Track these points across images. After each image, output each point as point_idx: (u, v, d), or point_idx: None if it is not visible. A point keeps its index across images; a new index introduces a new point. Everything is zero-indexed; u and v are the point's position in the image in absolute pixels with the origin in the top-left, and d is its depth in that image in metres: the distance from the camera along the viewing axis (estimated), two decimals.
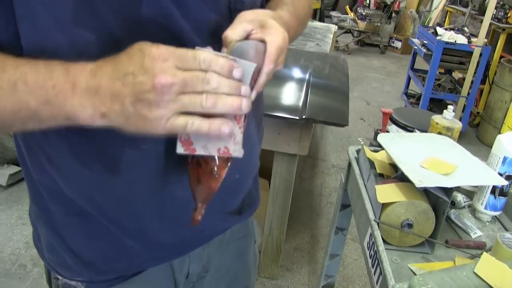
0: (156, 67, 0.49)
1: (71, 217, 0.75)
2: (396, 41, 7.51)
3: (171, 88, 0.49)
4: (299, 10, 0.82)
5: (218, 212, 0.82)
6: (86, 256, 0.78)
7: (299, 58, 2.55)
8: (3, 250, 2.32)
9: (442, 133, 1.32)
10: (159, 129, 0.51)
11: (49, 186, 0.74)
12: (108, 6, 0.57)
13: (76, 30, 0.56)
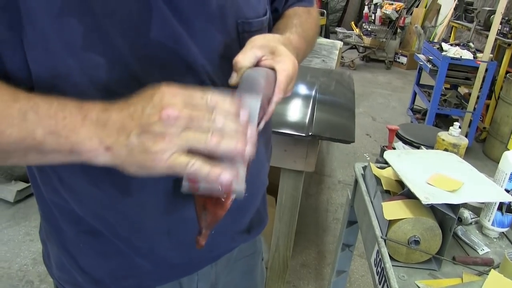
0: (165, 101, 0.49)
1: (82, 236, 0.76)
2: (401, 57, 7.54)
3: (177, 121, 0.48)
4: (307, 31, 0.84)
5: (227, 232, 0.83)
6: (96, 274, 0.79)
7: (305, 75, 2.57)
8: (10, 266, 2.33)
9: (448, 150, 1.33)
10: (160, 165, 0.50)
11: (61, 205, 0.74)
12: (117, 29, 0.58)
13: (86, 53, 0.58)
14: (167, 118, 0.48)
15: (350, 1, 9.85)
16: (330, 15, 9.85)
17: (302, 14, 0.87)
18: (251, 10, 0.72)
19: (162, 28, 0.61)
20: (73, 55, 0.57)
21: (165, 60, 0.63)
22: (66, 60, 0.57)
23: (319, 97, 2.16)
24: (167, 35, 0.62)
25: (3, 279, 2.24)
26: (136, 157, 0.50)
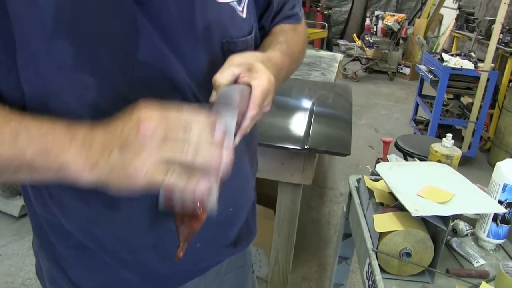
0: (143, 116, 0.51)
1: (71, 250, 0.78)
2: (404, 68, 7.55)
3: (154, 133, 0.50)
4: (292, 48, 0.84)
5: (212, 245, 0.84)
6: (85, 286, 0.81)
7: (304, 88, 2.59)
8: (14, 280, 2.34)
9: (441, 161, 1.33)
10: (140, 179, 0.51)
11: (51, 220, 0.77)
12: (106, 51, 0.61)
13: (76, 74, 0.60)
14: (145, 131, 0.50)
15: (352, 14, 9.92)
16: (333, 28, 9.91)
17: (288, 31, 0.88)
18: (236, 30, 0.74)
19: (149, 49, 0.63)
20: (63, 76, 0.60)
21: (152, 79, 0.65)
22: (56, 80, 0.60)
23: (316, 110, 2.17)
24: (154, 56, 0.64)
25: None
26: (118, 173, 0.52)
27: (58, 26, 0.58)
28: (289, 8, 0.91)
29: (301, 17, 0.95)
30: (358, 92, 6.52)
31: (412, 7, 10.02)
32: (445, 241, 1.24)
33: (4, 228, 2.76)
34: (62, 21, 0.58)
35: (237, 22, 0.74)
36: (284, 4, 0.90)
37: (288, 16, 0.91)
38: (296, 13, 0.93)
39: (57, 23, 0.58)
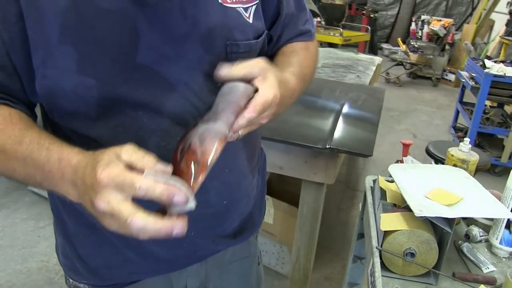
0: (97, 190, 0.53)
1: (81, 228, 0.85)
2: (449, 74, 7.35)
3: (104, 212, 0.53)
4: (305, 70, 0.87)
5: (208, 235, 0.88)
6: (92, 263, 0.88)
7: (335, 89, 2.61)
8: (49, 260, 2.50)
9: (457, 165, 1.32)
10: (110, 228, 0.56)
11: (64, 200, 0.83)
12: (107, 55, 0.67)
13: (80, 77, 0.67)
14: (98, 208, 0.54)
15: (399, 18, 9.74)
16: (379, 31, 9.78)
17: (300, 51, 0.90)
18: (241, 33, 0.77)
19: (147, 53, 0.69)
20: (68, 79, 0.67)
21: (149, 80, 0.71)
22: (61, 83, 0.67)
23: (344, 111, 2.19)
24: (152, 59, 0.70)
25: (42, 271, 2.42)
26: (97, 217, 0.57)
27: (64, 35, 0.65)
28: (302, 23, 0.93)
29: (314, 34, 0.97)
30: (399, 97, 6.42)
31: (462, 12, 9.74)
32: (457, 245, 1.25)
33: (43, 212, 2.93)
34: (67, 31, 0.65)
35: (242, 26, 0.78)
36: (294, 17, 0.92)
37: (302, 32, 0.93)
38: (309, 30, 0.94)
39: (63, 33, 0.65)
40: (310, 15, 0.97)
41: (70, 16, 0.65)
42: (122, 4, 0.67)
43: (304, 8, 0.95)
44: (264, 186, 1.08)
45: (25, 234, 2.71)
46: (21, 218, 2.87)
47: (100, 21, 0.66)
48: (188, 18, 0.71)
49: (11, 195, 3.12)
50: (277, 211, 2.40)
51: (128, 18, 0.67)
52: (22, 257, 2.51)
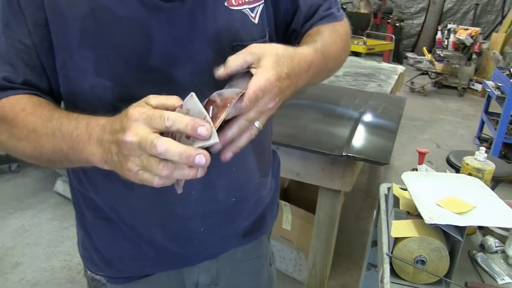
0: (127, 126, 0.57)
1: (99, 221, 0.91)
2: (476, 84, 7.23)
3: (132, 145, 0.56)
4: (328, 46, 0.84)
5: (217, 232, 0.91)
6: (107, 254, 0.93)
7: (355, 98, 2.61)
8: (72, 260, 2.57)
9: (472, 174, 1.32)
10: (133, 179, 0.59)
11: (84, 194, 0.90)
12: (122, 59, 0.73)
13: (97, 79, 0.73)
14: (124, 143, 0.57)
15: (425, 27, 9.65)
16: (404, 40, 9.69)
17: (325, 31, 0.89)
18: (247, 34, 0.80)
19: (159, 56, 0.74)
20: (86, 80, 0.73)
21: (161, 82, 0.75)
22: (80, 83, 0.73)
23: (363, 119, 2.19)
24: (163, 62, 0.74)
25: (65, 269, 2.50)
26: (119, 170, 0.61)
27: (83, 40, 0.71)
28: (323, 10, 0.93)
29: (339, 16, 0.95)
30: (423, 107, 6.36)
31: (490, 21, 9.59)
32: (471, 255, 1.24)
33: (68, 213, 3.01)
34: (86, 36, 0.71)
35: (248, 27, 0.81)
36: (319, 7, 0.92)
37: (323, 17, 0.92)
38: (332, 13, 0.93)
39: (82, 38, 0.71)
40: (336, 3, 0.96)
41: (89, 23, 0.70)
42: (137, 12, 0.72)
43: None
44: (277, 190, 1.11)
45: (50, 234, 2.80)
46: (47, 218, 2.96)
47: (116, 28, 0.71)
48: (197, 22, 0.76)
49: (38, 196, 3.22)
50: (294, 218, 2.42)
51: (143, 25, 0.72)
52: (46, 256, 2.59)
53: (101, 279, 0.96)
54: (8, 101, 0.71)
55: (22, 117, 0.69)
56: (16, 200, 3.16)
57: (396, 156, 4.32)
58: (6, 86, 0.72)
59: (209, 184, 0.84)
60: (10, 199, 3.16)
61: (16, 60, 0.72)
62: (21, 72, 0.72)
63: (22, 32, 0.71)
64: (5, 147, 0.74)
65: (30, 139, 0.69)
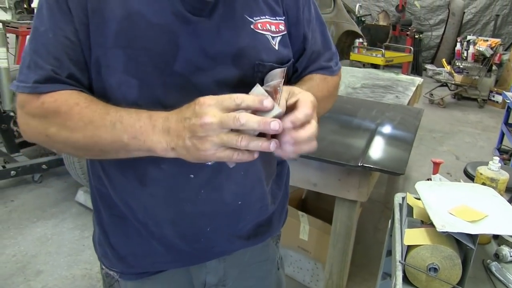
0: (202, 111, 0.65)
1: (114, 218, 0.96)
2: (496, 95, 7.15)
3: (212, 126, 0.63)
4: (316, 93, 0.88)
5: (223, 233, 0.96)
6: (121, 250, 0.98)
7: (372, 109, 2.63)
8: (92, 268, 2.62)
9: (486, 184, 1.33)
10: (210, 158, 0.66)
11: (101, 190, 0.96)
12: (150, 60, 0.79)
13: (124, 77, 0.79)
14: (204, 124, 0.64)
15: (444, 38, 9.60)
16: (424, 52, 9.66)
17: (316, 79, 0.98)
18: (267, 55, 0.87)
19: (184, 63, 0.80)
20: (114, 77, 0.79)
21: (182, 87, 0.81)
22: (109, 80, 0.79)
23: (379, 130, 2.21)
24: (187, 69, 0.80)
25: (85, 278, 2.55)
26: (192, 153, 0.67)
27: (117, 40, 0.77)
28: (324, 60, 1.02)
29: (335, 71, 1.04)
30: (442, 119, 6.31)
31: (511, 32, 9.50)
32: (485, 264, 1.25)
33: (89, 222, 3.07)
34: (120, 37, 0.77)
35: (269, 50, 0.88)
36: (320, 55, 1.01)
37: (322, 67, 1.01)
38: (330, 66, 1.02)
39: (117, 38, 0.77)
40: (336, 55, 1.05)
41: (125, 26, 0.77)
42: (168, 21, 0.78)
43: (330, 47, 1.04)
44: (286, 197, 1.14)
45: (71, 243, 2.86)
46: (68, 228, 3.03)
47: (148, 33, 0.78)
48: (222, 37, 0.82)
49: (60, 206, 3.30)
50: (312, 228, 2.43)
51: (172, 33, 0.79)
52: (67, 264, 2.65)
53: (114, 275, 1.01)
54: (60, 95, 0.76)
55: (78, 110, 0.74)
56: (39, 209, 3.24)
57: (414, 167, 4.30)
58: (54, 78, 0.77)
59: (218, 186, 0.89)
60: (33, 209, 3.24)
61: (62, 55, 0.77)
62: (66, 66, 0.78)
63: (69, 29, 0.77)
64: (53, 139, 0.78)
65: (87, 130, 0.74)
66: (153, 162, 0.84)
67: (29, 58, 0.78)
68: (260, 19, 0.87)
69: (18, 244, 2.82)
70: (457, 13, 9.35)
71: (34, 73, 0.77)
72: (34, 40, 0.79)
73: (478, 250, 1.17)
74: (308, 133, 0.70)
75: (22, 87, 0.78)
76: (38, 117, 0.78)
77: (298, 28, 0.95)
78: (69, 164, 3.05)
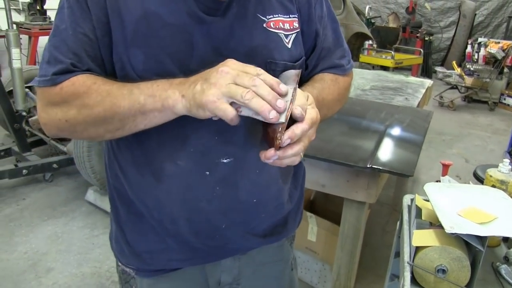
0: (225, 63, 0.71)
1: (131, 216, 0.98)
2: (508, 98, 7.09)
3: (227, 74, 0.68)
4: (325, 95, 0.96)
5: (238, 230, 0.97)
6: (137, 247, 0.99)
7: (381, 111, 2.63)
8: (101, 267, 2.65)
9: (495, 186, 1.33)
10: (210, 106, 0.68)
11: (119, 188, 0.98)
12: (168, 60, 0.82)
13: (144, 74, 0.81)
14: (220, 71, 0.69)
15: (455, 41, 9.54)
16: (434, 54, 9.61)
17: (327, 80, 1.00)
18: (279, 54, 0.89)
19: (199, 62, 0.82)
20: (135, 75, 0.82)
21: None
22: (131, 77, 0.82)
23: (388, 132, 2.21)
24: (203, 66, 0.80)
25: (94, 276, 2.57)
26: (197, 98, 0.70)
27: (134, 40, 0.80)
28: (337, 57, 1.03)
29: (348, 69, 1.05)
30: (452, 121, 6.27)
31: None
32: (494, 267, 1.25)
33: (98, 221, 3.11)
34: (137, 37, 0.80)
35: (281, 49, 0.89)
36: (331, 52, 1.01)
37: (334, 65, 1.02)
38: (343, 65, 1.03)
39: (134, 38, 0.80)
40: (348, 53, 1.06)
41: (142, 25, 0.80)
42: (183, 21, 0.81)
43: (342, 45, 1.05)
44: (301, 198, 1.15)
45: (81, 241, 2.89)
46: (78, 226, 3.06)
47: (164, 32, 0.81)
48: (235, 37, 0.84)
49: (70, 205, 3.33)
50: (320, 229, 2.44)
51: (187, 32, 0.81)
52: (77, 262, 2.68)
53: (131, 272, 1.03)
54: (78, 79, 0.79)
55: (96, 87, 0.78)
56: (50, 208, 3.28)
57: (424, 170, 4.28)
58: (73, 70, 0.80)
59: (233, 183, 0.90)
60: (44, 207, 3.28)
61: (81, 51, 0.80)
62: (85, 61, 0.81)
63: (87, 27, 0.80)
64: (74, 123, 0.80)
65: (105, 102, 0.77)
66: (169, 159, 0.86)
67: (49, 54, 0.81)
68: (273, 18, 0.89)
69: (29, 242, 2.85)
70: (468, 15, 9.28)
71: (53, 67, 0.79)
72: (55, 37, 0.82)
73: (487, 252, 1.17)
74: (294, 151, 0.73)
75: (42, 81, 0.80)
76: (58, 103, 0.80)
77: (310, 25, 0.96)
78: (80, 164, 3.07)
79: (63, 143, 3.62)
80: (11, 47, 3.23)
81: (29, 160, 3.56)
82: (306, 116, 0.74)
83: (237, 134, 0.87)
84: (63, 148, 3.57)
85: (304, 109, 0.74)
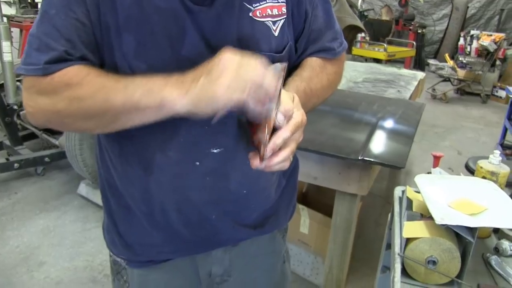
0: (223, 52, 0.70)
1: (121, 208, 0.98)
2: (500, 90, 7.12)
3: (233, 60, 0.68)
4: (313, 85, 0.95)
5: (227, 220, 0.97)
6: (128, 239, 1.00)
7: (373, 103, 2.63)
8: (93, 260, 2.65)
9: (486, 178, 1.33)
10: (221, 95, 0.68)
11: (109, 180, 0.98)
12: (159, 46, 0.80)
13: (135, 61, 0.80)
14: (225, 59, 0.69)
15: (447, 33, 9.56)
16: (427, 47, 9.62)
17: (315, 67, 0.97)
18: (267, 45, 0.88)
19: (191, 48, 0.81)
20: (126, 62, 0.80)
21: (188, 69, 0.80)
22: (122, 64, 0.80)
23: (380, 124, 2.21)
24: (194, 54, 0.81)
25: (87, 269, 2.57)
26: (205, 92, 0.69)
27: (126, 25, 0.78)
28: (328, 40, 0.99)
29: (339, 53, 1.01)
30: (445, 114, 6.29)
31: None
32: (485, 258, 1.25)
33: (90, 215, 3.10)
34: (129, 22, 0.78)
35: (269, 39, 0.88)
36: (321, 34, 0.98)
37: (325, 49, 0.99)
38: (334, 48, 1.00)
39: (126, 23, 0.78)
40: (340, 34, 1.03)
41: (133, 10, 0.78)
42: (176, 6, 0.79)
43: (333, 26, 1.01)
44: (293, 189, 1.15)
45: (73, 235, 2.88)
46: (70, 220, 3.05)
47: (156, 17, 0.79)
48: (222, 27, 0.83)
49: (62, 199, 3.31)
50: (312, 222, 2.44)
51: (179, 18, 0.80)
52: (69, 256, 2.67)
53: (122, 262, 1.04)
54: (72, 69, 0.76)
55: (89, 79, 0.75)
56: (42, 201, 3.26)
57: (416, 163, 4.30)
58: (67, 58, 0.77)
59: (223, 174, 0.90)
60: (36, 201, 3.26)
61: (74, 37, 0.77)
62: (78, 48, 0.77)
63: (81, 11, 0.77)
64: (63, 114, 0.77)
65: (99, 95, 0.74)
66: (159, 149, 0.86)
67: (39, 41, 0.77)
68: (259, 5, 0.86)
69: (21, 236, 2.84)
70: (461, 8, 9.30)
71: (45, 55, 0.76)
72: (43, 23, 0.78)
73: (478, 243, 1.17)
74: (280, 158, 0.74)
75: (32, 70, 0.76)
76: (48, 93, 0.77)
77: (300, 7, 0.93)
78: (71, 157, 3.05)
79: (55, 136, 3.60)
80: (2, 40, 3.19)
81: (21, 153, 3.53)
82: (291, 122, 0.74)
83: (228, 125, 0.86)
84: (55, 141, 3.55)
85: (288, 115, 0.74)
